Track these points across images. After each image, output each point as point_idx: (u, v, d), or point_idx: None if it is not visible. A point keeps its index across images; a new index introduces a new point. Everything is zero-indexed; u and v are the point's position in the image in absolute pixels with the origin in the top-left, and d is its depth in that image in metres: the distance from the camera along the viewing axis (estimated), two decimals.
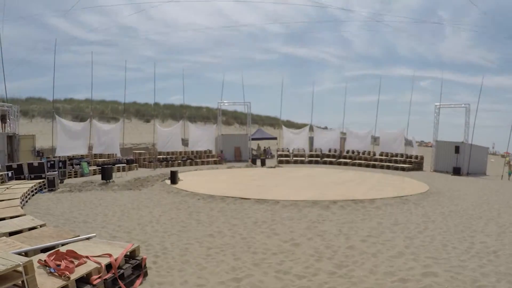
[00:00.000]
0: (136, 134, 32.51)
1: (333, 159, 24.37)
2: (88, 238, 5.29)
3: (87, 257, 4.21)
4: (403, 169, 20.83)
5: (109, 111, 36.27)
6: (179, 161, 22.46)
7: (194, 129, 27.13)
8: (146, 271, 4.81)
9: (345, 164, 23.37)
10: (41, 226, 6.20)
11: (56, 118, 20.46)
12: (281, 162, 24.36)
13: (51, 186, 12.37)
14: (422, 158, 22.02)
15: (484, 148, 21.26)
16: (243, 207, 9.43)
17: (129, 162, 20.07)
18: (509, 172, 18.94)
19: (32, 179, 13.54)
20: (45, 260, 3.96)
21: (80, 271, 3.88)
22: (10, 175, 13.20)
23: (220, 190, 11.59)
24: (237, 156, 25.43)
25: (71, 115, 30.45)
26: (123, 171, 17.64)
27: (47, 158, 16.62)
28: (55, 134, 20.00)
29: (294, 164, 23.93)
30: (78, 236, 5.46)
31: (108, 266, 4.20)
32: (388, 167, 21.64)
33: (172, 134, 25.23)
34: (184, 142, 26.35)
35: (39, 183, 12.45)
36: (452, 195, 12.09)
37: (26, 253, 4.44)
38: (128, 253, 4.68)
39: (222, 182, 14.18)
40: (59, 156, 18.08)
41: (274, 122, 44.96)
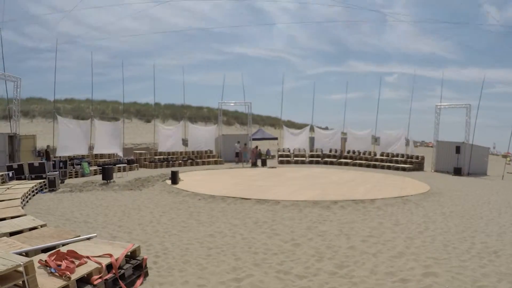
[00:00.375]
0: (137, 134, 32.53)
1: (334, 159, 24.36)
2: (88, 238, 5.30)
3: (87, 257, 4.21)
4: (403, 169, 20.82)
5: (109, 111, 36.31)
6: (180, 161, 22.49)
7: (194, 129, 27.15)
8: (147, 271, 4.81)
9: (346, 164, 23.37)
10: (41, 226, 6.21)
11: (57, 118, 20.47)
12: (281, 162, 24.36)
13: (51, 186, 12.39)
14: (423, 158, 22.01)
15: (485, 148, 21.23)
16: (244, 207, 9.43)
17: (129, 162, 20.09)
18: None
19: (32, 179, 13.57)
20: (45, 260, 3.96)
21: (80, 271, 3.88)
22: (10, 175, 13.22)
23: (220, 190, 11.59)
24: (237, 156, 25.40)
25: (71, 115, 30.49)
26: (123, 171, 17.65)
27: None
28: (56, 134, 20.02)
29: (295, 164, 23.93)
30: (79, 236, 5.47)
31: (109, 266, 4.20)
32: (388, 167, 21.63)
33: (174, 133, 25.30)
34: (185, 142, 26.38)
35: (40, 183, 12.48)
36: (453, 195, 12.08)
37: (26, 253, 4.45)
38: (129, 253, 4.68)
39: (222, 182, 14.19)
40: (60, 156, 18.12)
41: (274, 122, 44.98)
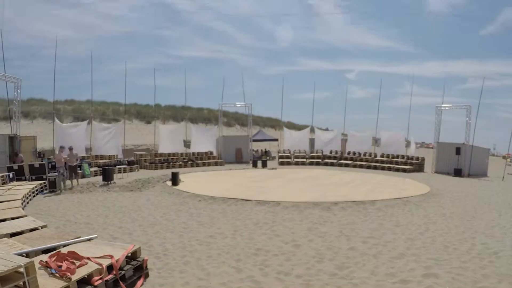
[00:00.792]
0: (137, 136, 32.53)
1: (334, 161, 24.35)
2: (89, 239, 5.29)
3: (88, 258, 4.21)
4: (404, 170, 20.80)
5: (110, 112, 36.34)
6: (180, 163, 22.49)
7: (195, 130, 27.16)
8: (147, 272, 4.81)
9: (346, 165, 23.36)
10: (42, 227, 6.21)
11: (55, 120, 20.48)
12: (282, 163, 24.37)
13: (52, 187, 12.40)
14: (423, 159, 22.01)
15: (485, 150, 21.22)
16: (244, 209, 9.43)
17: (130, 163, 20.09)
18: None
19: (33, 180, 13.57)
20: (46, 261, 3.96)
21: (81, 272, 3.88)
22: (11, 176, 13.22)
23: (221, 192, 11.60)
24: (238, 157, 25.44)
25: (72, 116, 30.51)
26: (124, 172, 17.66)
27: (48, 159, 16.64)
28: (56, 135, 20.03)
29: (295, 165, 23.93)
30: (79, 237, 5.47)
31: (109, 267, 4.20)
32: (389, 169, 21.62)
33: (174, 133, 25.29)
34: (185, 143, 26.39)
35: (40, 184, 12.48)
36: (453, 196, 12.08)
37: (27, 254, 4.44)
38: (129, 254, 4.68)
39: (223, 184, 14.19)
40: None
41: (275, 124, 45.00)
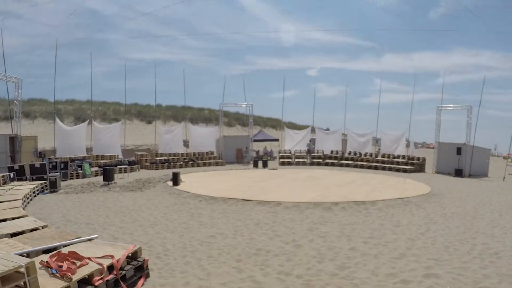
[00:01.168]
0: (138, 136, 32.56)
1: (335, 161, 24.33)
2: (90, 239, 5.30)
3: (89, 258, 4.21)
4: (405, 170, 20.78)
5: (111, 113, 36.38)
6: (181, 163, 22.51)
7: (195, 130, 27.17)
8: (148, 272, 4.81)
9: (347, 165, 23.34)
10: (42, 227, 6.22)
11: (56, 121, 20.54)
12: (282, 163, 24.35)
13: (53, 187, 12.41)
14: (424, 159, 21.98)
15: (486, 150, 21.19)
16: (245, 209, 9.43)
17: (131, 163, 20.10)
18: None
19: (33, 180, 13.58)
20: (47, 261, 3.96)
21: (82, 272, 3.89)
22: (12, 176, 13.24)
23: (222, 192, 11.59)
24: (238, 157, 25.44)
25: (73, 116, 30.56)
26: (124, 172, 17.67)
27: (49, 159, 16.67)
28: (57, 135, 20.08)
29: (296, 165, 23.92)
30: (80, 237, 5.48)
31: (110, 268, 4.20)
32: (390, 169, 21.59)
33: (175, 134, 25.32)
34: (186, 143, 26.41)
35: (41, 184, 12.49)
36: (454, 196, 12.06)
37: (28, 254, 4.45)
38: (130, 254, 4.68)
39: (223, 184, 14.18)
40: (61, 158, 18.14)
41: (275, 124, 44.99)
